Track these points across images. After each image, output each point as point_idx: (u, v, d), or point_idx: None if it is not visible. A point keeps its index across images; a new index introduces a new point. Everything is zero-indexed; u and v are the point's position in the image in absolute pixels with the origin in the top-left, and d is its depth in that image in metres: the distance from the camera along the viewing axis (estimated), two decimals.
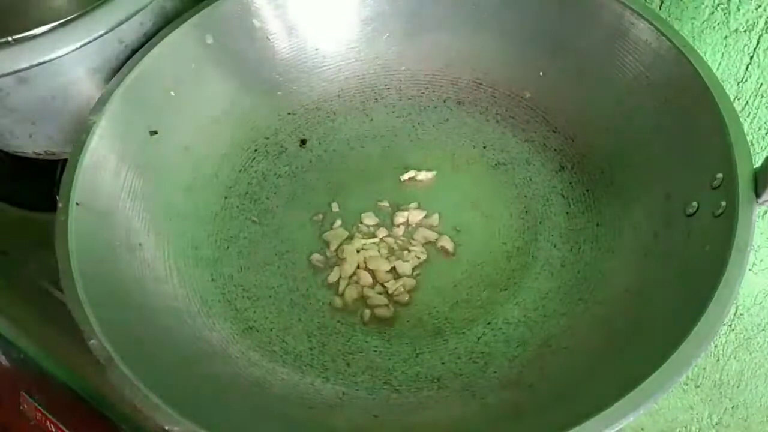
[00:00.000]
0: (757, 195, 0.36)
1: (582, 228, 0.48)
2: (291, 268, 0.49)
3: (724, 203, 0.37)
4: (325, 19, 0.55)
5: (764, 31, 0.46)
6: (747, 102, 0.52)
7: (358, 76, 0.58)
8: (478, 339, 0.45)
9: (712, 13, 0.48)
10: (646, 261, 0.42)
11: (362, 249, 0.49)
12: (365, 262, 0.49)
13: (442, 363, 0.44)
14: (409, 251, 0.49)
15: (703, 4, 0.48)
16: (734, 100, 0.52)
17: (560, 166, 0.52)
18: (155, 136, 0.48)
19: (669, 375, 0.32)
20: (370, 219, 0.51)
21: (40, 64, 0.46)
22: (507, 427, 0.37)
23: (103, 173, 0.44)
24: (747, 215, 0.35)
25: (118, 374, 0.34)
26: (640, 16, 0.45)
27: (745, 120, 0.52)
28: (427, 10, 0.55)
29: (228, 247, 0.50)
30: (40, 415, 0.52)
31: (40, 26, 0.46)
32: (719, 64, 0.50)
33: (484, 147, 0.54)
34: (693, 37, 0.50)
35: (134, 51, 0.48)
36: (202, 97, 0.52)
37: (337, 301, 0.47)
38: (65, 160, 0.43)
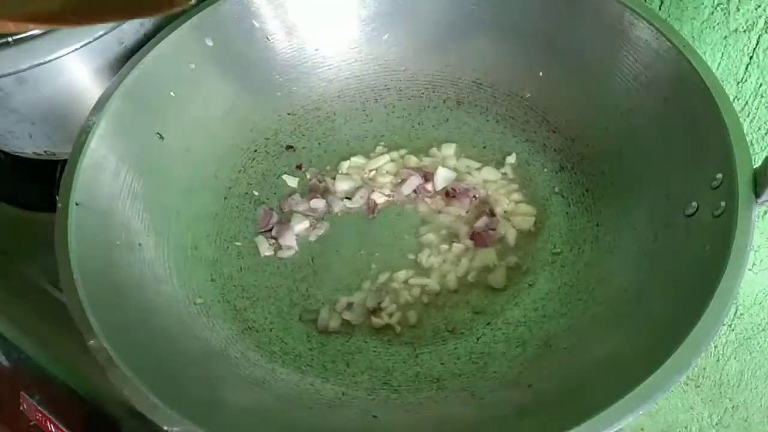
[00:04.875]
0: (757, 195, 0.36)
1: (582, 228, 0.48)
2: (291, 268, 0.49)
3: (723, 203, 0.37)
4: (325, 19, 0.56)
5: (764, 31, 0.46)
6: (747, 102, 0.52)
7: (358, 76, 0.58)
8: (478, 339, 0.45)
9: (712, 13, 0.48)
10: (646, 261, 0.42)
11: None
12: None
13: (442, 363, 0.44)
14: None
15: (702, 4, 0.48)
16: (734, 100, 0.52)
17: (560, 166, 0.52)
18: (157, 137, 0.48)
19: (669, 375, 0.32)
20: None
21: (40, 64, 0.46)
22: (507, 427, 0.37)
23: (103, 173, 0.44)
24: (747, 215, 0.35)
25: (118, 374, 0.34)
26: (640, 16, 0.45)
27: (744, 120, 0.52)
28: (426, 11, 0.55)
29: (228, 247, 0.50)
30: (40, 415, 0.52)
31: None
32: (719, 64, 0.50)
33: (484, 147, 0.54)
34: (693, 37, 0.50)
35: (134, 51, 0.48)
36: (202, 98, 0.52)
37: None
38: (65, 160, 0.43)
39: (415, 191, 0.52)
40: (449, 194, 0.51)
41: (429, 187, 0.52)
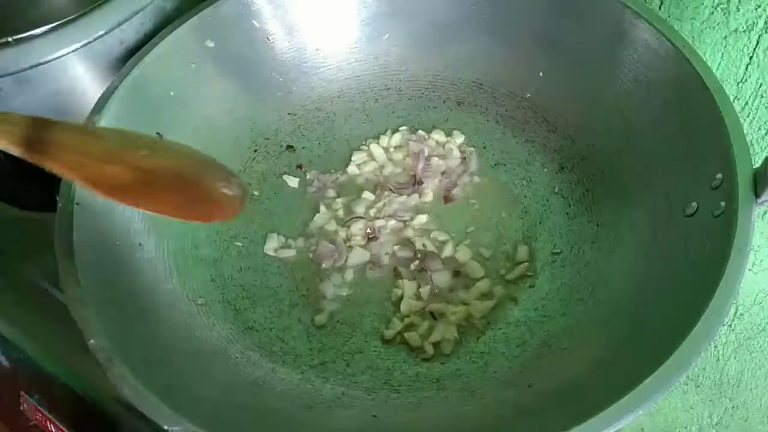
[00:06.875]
0: (757, 195, 0.36)
1: (582, 228, 0.48)
2: (291, 268, 0.49)
3: (723, 203, 0.37)
4: (325, 19, 0.56)
5: (764, 31, 0.46)
6: (747, 102, 0.52)
7: (358, 76, 0.58)
8: (478, 339, 0.45)
9: (712, 13, 0.48)
10: (646, 261, 0.42)
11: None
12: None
13: (442, 363, 0.44)
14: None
15: (702, 4, 0.48)
16: (734, 100, 0.52)
17: (560, 166, 0.52)
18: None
19: (669, 375, 0.32)
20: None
21: (40, 64, 0.46)
22: (507, 427, 0.37)
23: None
24: (746, 215, 0.35)
25: (118, 374, 0.34)
26: (640, 16, 0.45)
27: (744, 120, 0.52)
28: (426, 11, 0.55)
29: (228, 247, 0.50)
30: (40, 415, 0.52)
31: (40, 26, 0.46)
32: (719, 64, 0.50)
33: (484, 147, 0.54)
34: (693, 37, 0.50)
35: (134, 51, 0.48)
36: (202, 98, 0.52)
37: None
38: None
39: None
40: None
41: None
